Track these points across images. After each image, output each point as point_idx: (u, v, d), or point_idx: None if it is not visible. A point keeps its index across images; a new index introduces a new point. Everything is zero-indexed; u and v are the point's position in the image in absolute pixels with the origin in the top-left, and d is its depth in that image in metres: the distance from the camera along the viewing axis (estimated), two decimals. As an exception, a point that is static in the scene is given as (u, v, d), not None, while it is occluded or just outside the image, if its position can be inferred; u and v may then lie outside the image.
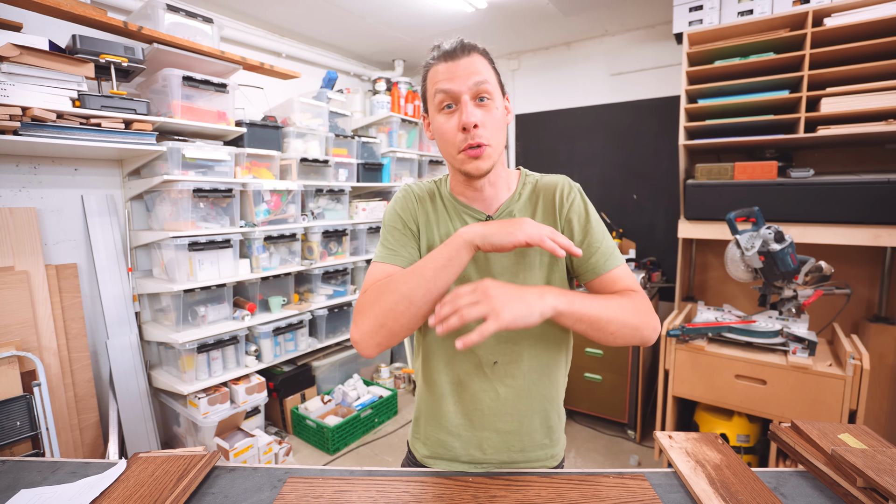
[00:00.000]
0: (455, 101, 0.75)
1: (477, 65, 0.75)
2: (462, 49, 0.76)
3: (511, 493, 0.75)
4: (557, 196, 0.84)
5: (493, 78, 0.78)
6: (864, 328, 2.13)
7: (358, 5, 2.54)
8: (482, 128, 0.75)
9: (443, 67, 0.76)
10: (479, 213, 0.85)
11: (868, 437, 0.83)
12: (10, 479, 0.79)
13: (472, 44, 0.77)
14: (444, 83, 0.75)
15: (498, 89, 0.79)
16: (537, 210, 0.85)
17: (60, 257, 2.01)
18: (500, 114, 0.78)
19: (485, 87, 0.75)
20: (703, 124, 2.26)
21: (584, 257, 0.82)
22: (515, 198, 0.86)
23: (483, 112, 0.75)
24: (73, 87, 1.70)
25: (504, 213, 0.85)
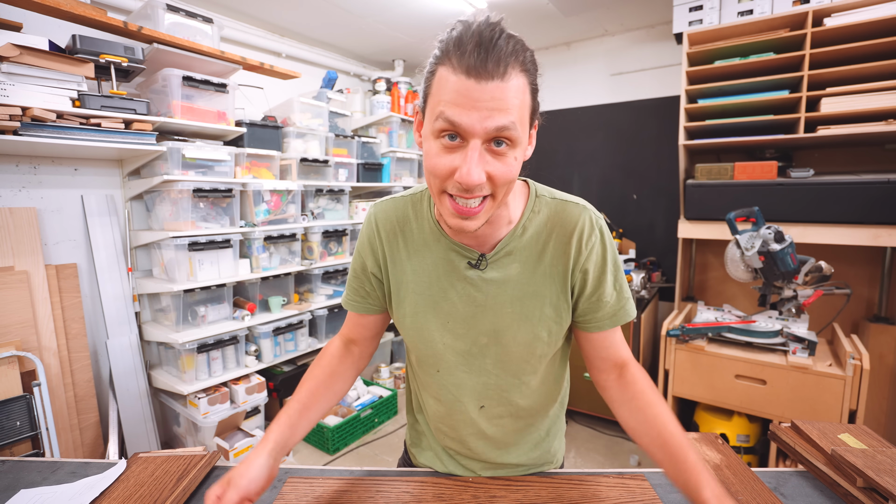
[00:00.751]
0: (461, 136, 0.55)
1: (509, 95, 0.52)
2: (496, 63, 0.51)
3: (511, 493, 0.75)
4: (575, 239, 0.68)
5: (527, 109, 0.56)
6: (864, 328, 2.13)
7: (358, 5, 2.54)
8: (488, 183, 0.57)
9: (462, 85, 0.52)
10: (469, 251, 0.69)
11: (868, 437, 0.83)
12: (10, 479, 0.79)
13: (513, 50, 0.52)
14: (454, 111, 0.53)
15: (526, 125, 0.58)
16: (546, 251, 0.69)
17: (60, 257, 2.01)
18: (518, 163, 0.58)
19: (507, 132, 0.54)
20: (703, 124, 2.26)
21: (589, 309, 0.70)
22: (518, 232, 0.68)
23: (496, 162, 0.56)
24: (73, 87, 1.70)
25: (502, 251, 0.68)
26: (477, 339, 0.71)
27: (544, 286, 0.69)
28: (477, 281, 0.69)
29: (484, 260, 0.69)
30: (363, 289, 0.78)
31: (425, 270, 0.71)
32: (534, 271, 0.69)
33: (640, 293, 2.48)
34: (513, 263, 0.69)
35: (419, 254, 0.72)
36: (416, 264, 0.72)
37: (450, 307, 0.70)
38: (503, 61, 0.51)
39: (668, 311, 2.83)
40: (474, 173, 0.54)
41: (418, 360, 0.77)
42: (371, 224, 0.75)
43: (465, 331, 0.71)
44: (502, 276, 0.69)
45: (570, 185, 3.30)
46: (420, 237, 0.72)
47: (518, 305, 0.69)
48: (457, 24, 0.55)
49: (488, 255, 0.69)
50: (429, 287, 0.71)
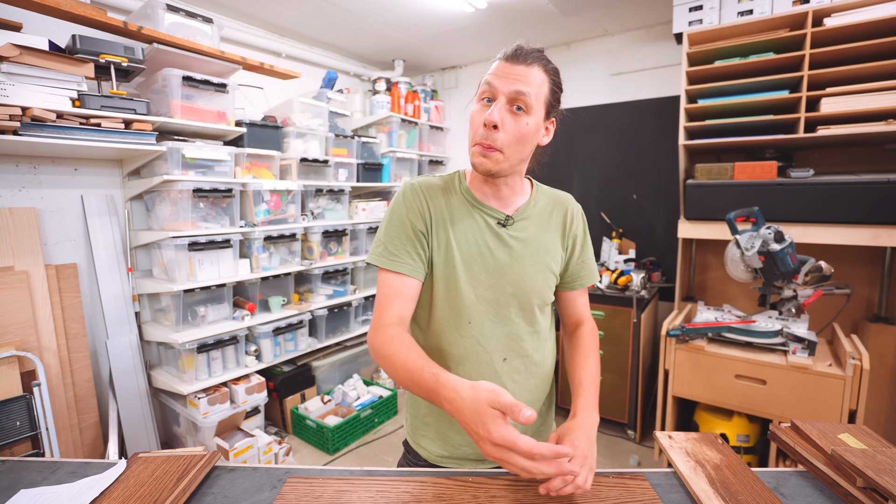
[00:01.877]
0: (493, 97, 0.77)
1: (529, 76, 0.76)
2: (525, 56, 0.77)
3: (511, 493, 0.75)
4: (569, 214, 0.94)
5: (543, 95, 0.79)
6: (864, 328, 2.13)
7: (358, 5, 2.54)
8: (501, 131, 0.76)
9: (501, 65, 0.78)
10: (497, 212, 0.88)
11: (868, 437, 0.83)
12: (10, 479, 0.79)
13: (538, 55, 0.78)
14: (493, 78, 0.78)
15: (541, 107, 0.79)
16: (551, 220, 0.92)
17: (60, 257, 2.01)
18: (529, 129, 0.78)
19: (524, 98, 0.76)
20: (703, 124, 2.26)
21: (576, 269, 0.95)
22: (532, 203, 0.91)
23: (511, 119, 0.77)
24: (73, 87, 1.70)
25: (523, 214, 0.89)
26: (504, 288, 0.85)
27: (551, 243, 0.90)
28: (506, 237, 0.86)
29: (511, 219, 0.88)
30: (416, 251, 0.84)
31: (464, 231, 0.86)
32: (544, 231, 0.90)
33: (640, 293, 2.48)
34: (530, 226, 0.89)
35: (458, 218, 0.86)
36: (458, 224, 0.86)
37: (484, 260, 0.85)
38: (530, 58, 0.77)
39: (668, 311, 2.83)
40: (495, 114, 0.75)
41: (452, 314, 0.85)
42: (416, 190, 0.87)
43: (495, 281, 0.85)
44: (524, 235, 0.88)
45: (570, 184, 3.29)
46: (459, 202, 0.87)
47: (535, 258, 0.88)
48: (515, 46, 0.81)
49: (514, 215, 0.88)
50: (468, 243, 0.85)
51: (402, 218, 0.85)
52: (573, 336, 0.96)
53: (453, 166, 3.82)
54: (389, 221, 0.86)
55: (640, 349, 2.44)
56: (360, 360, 3.09)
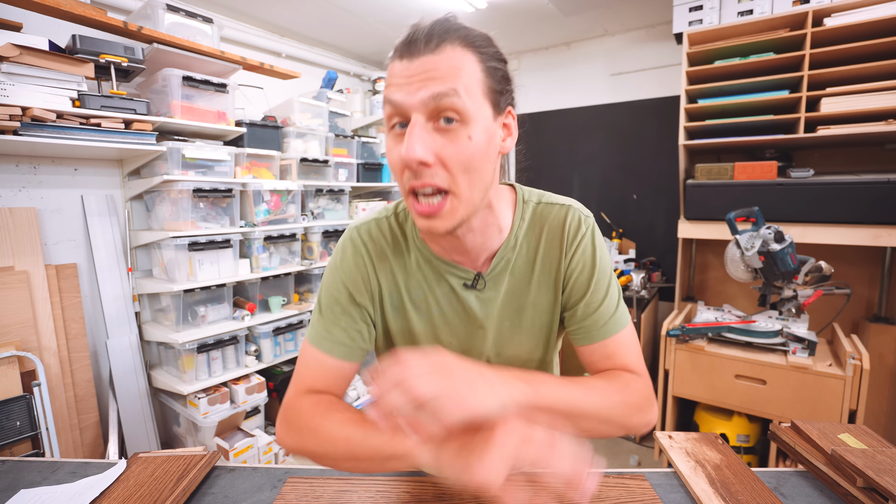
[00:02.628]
0: (404, 118, 0.52)
1: (445, 64, 0.50)
2: (427, 39, 0.50)
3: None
4: (565, 235, 0.65)
5: (477, 84, 0.52)
6: (864, 328, 2.13)
7: (358, 5, 2.54)
8: (439, 166, 0.51)
9: (396, 67, 0.52)
10: (463, 270, 0.64)
11: (868, 437, 0.83)
12: (10, 479, 0.79)
13: (448, 28, 0.52)
14: (392, 90, 0.52)
15: (483, 102, 0.52)
16: (538, 255, 0.66)
17: (60, 257, 2.01)
18: (477, 144, 0.51)
19: (448, 101, 0.49)
20: (703, 124, 2.26)
21: (577, 317, 0.65)
22: (511, 243, 0.65)
23: (445, 142, 0.50)
24: (73, 87, 1.70)
25: (497, 267, 0.65)
26: (479, 356, 0.69)
27: (540, 295, 0.67)
28: (472, 302, 0.65)
29: (481, 279, 0.64)
30: (354, 328, 0.66)
31: (422, 293, 0.66)
32: (529, 282, 0.66)
33: (640, 293, 2.48)
34: (509, 277, 0.66)
35: (413, 277, 0.66)
36: (412, 288, 0.67)
37: (452, 328, 0.67)
38: (435, 38, 0.51)
39: (668, 311, 2.83)
40: (414, 147, 0.49)
41: None
42: (358, 247, 0.66)
43: (467, 348, 0.68)
44: (500, 293, 0.66)
45: (571, 184, 3.30)
46: (412, 258, 0.67)
47: (516, 319, 0.67)
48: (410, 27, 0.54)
49: (485, 274, 0.64)
50: (429, 311, 0.67)
51: (337, 286, 0.66)
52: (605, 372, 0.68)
53: (453, 166, 3.82)
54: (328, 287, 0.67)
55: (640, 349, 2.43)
56: (360, 360, 3.09)
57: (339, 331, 0.65)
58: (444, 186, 0.52)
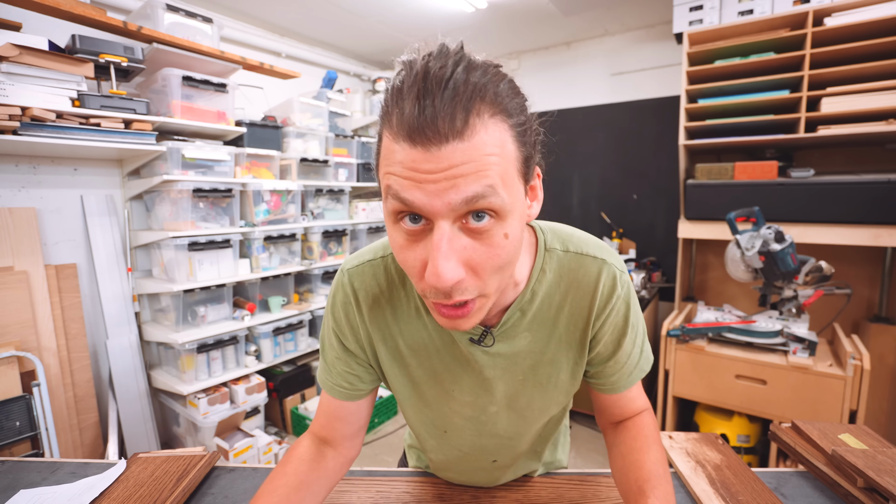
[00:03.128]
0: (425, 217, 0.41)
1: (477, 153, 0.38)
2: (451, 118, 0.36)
3: (511, 493, 0.75)
4: (598, 298, 0.57)
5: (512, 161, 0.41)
6: (865, 328, 2.13)
7: (358, 5, 2.54)
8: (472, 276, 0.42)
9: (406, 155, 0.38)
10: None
11: (868, 437, 0.83)
12: (10, 480, 0.78)
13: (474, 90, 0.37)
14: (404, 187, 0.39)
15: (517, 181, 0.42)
16: (561, 315, 0.58)
17: (60, 257, 2.01)
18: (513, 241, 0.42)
19: (486, 202, 0.39)
20: (704, 124, 2.26)
21: (604, 372, 0.63)
22: (527, 297, 0.56)
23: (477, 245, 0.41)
24: (73, 86, 1.69)
25: (509, 322, 0.57)
26: (486, 407, 0.62)
27: (559, 353, 0.60)
28: (479, 358, 0.58)
29: (489, 335, 0.56)
30: (349, 372, 0.63)
31: (422, 344, 0.60)
32: (548, 339, 0.59)
33: (640, 293, 2.48)
34: (523, 332, 0.58)
35: (412, 326, 0.59)
36: (410, 338, 0.60)
37: (453, 380, 0.61)
38: (461, 111, 0.36)
39: (668, 311, 2.83)
40: (447, 270, 0.39)
41: (425, 423, 0.67)
42: (347, 294, 0.60)
43: (472, 399, 0.62)
44: (512, 349, 0.58)
45: (570, 185, 3.29)
46: (410, 306, 0.59)
47: (531, 374, 0.60)
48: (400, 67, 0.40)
49: (494, 330, 0.56)
50: (429, 361, 0.61)
51: (329, 332, 0.64)
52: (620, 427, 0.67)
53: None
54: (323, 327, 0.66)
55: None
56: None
57: (336, 375, 0.64)
58: (473, 297, 0.43)
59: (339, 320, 0.62)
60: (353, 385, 0.64)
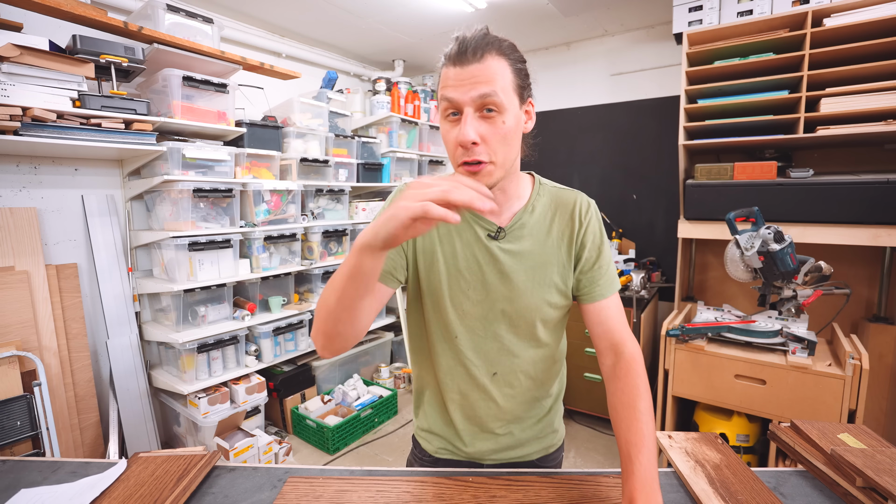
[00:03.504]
0: (458, 110, 0.69)
1: (488, 71, 0.67)
2: (473, 52, 0.67)
3: (511, 493, 0.75)
4: (577, 213, 0.82)
5: (509, 83, 0.70)
6: (864, 328, 2.13)
7: (358, 5, 2.54)
8: (483, 144, 0.69)
9: (451, 72, 0.69)
10: (487, 223, 0.80)
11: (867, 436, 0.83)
12: (10, 479, 0.79)
13: (488, 42, 0.68)
14: (449, 90, 0.69)
15: (513, 96, 0.71)
16: (553, 224, 0.83)
17: (60, 257, 2.01)
18: (509, 126, 0.70)
19: (491, 99, 0.67)
20: (703, 124, 2.26)
21: (591, 279, 0.82)
22: (529, 209, 0.82)
23: (487, 126, 0.69)
24: (74, 87, 1.70)
25: (517, 224, 0.81)
26: (494, 304, 0.80)
27: (552, 255, 0.81)
28: (496, 251, 0.79)
29: (502, 231, 0.80)
30: (396, 257, 0.80)
31: (453, 241, 0.81)
32: (544, 243, 0.81)
33: (639, 293, 2.48)
34: (526, 237, 0.81)
35: (447, 227, 0.81)
36: (445, 236, 0.81)
37: (472, 275, 0.80)
38: (479, 50, 0.67)
39: (668, 311, 2.83)
40: (467, 131, 0.67)
41: (438, 329, 0.83)
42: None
43: (484, 297, 0.80)
44: (518, 248, 0.80)
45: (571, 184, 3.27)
46: None
47: (531, 273, 0.80)
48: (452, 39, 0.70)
49: (506, 227, 0.80)
50: (454, 255, 0.80)
51: None
52: (612, 375, 0.79)
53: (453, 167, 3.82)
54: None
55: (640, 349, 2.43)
56: (360, 360, 3.09)
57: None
58: (486, 160, 0.69)
59: None
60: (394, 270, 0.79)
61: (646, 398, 0.72)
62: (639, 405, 0.71)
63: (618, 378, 0.76)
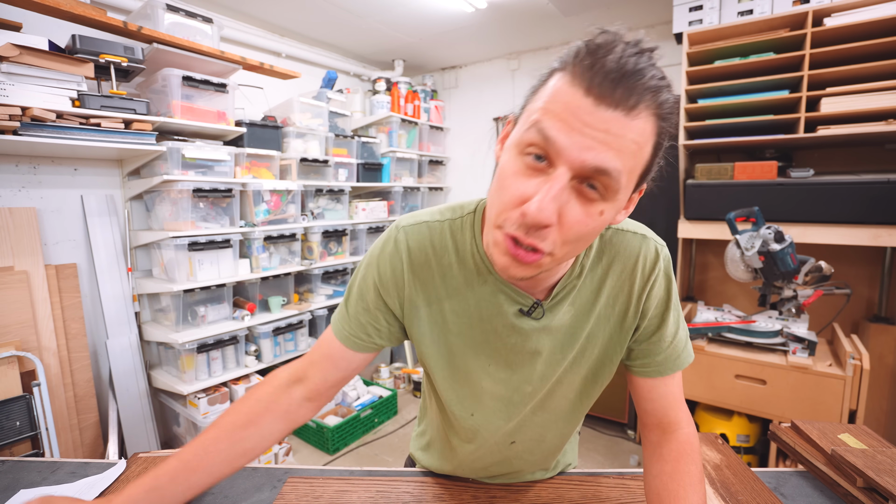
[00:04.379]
0: (550, 160, 0.44)
1: (629, 135, 0.42)
2: (628, 93, 0.41)
3: (511, 494, 0.75)
4: (639, 270, 0.60)
5: (641, 164, 0.46)
6: (864, 328, 2.13)
7: (358, 5, 2.54)
8: (556, 229, 0.45)
9: (574, 97, 0.42)
10: (522, 296, 0.58)
11: (868, 437, 0.83)
12: (10, 479, 0.79)
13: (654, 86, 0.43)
14: (553, 124, 0.43)
15: (632, 183, 0.47)
16: (602, 289, 0.60)
17: (60, 257, 2.01)
18: (602, 220, 0.47)
19: (606, 179, 0.43)
20: (703, 124, 2.26)
21: (646, 352, 0.63)
22: (575, 272, 0.59)
23: (577, 207, 0.45)
24: (73, 87, 1.69)
25: (558, 298, 0.59)
26: (521, 386, 0.64)
27: (599, 328, 0.62)
28: (526, 329, 0.59)
29: (540, 308, 0.58)
30: (374, 325, 0.64)
31: (466, 312, 0.61)
32: (588, 313, 0.61)
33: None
34: (567, 307, 0.60)
35: (459, 293, 0.60)
36: (456, 304, 0.61)
37: (492, 353, 0.62)
38: (636, 94, 0.41)
39: (668, 311, 2.83)
40: (547, 208, 0.42)
41: (451, 402, 0.67)
42: (399, 252, 0.60)
43: (508, 376, 0.63)
44: (554, 323, 0.60)
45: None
46: (461, 273, 0.60)
47: (569, 352, 0.62)
48: (599, 34, 0.44)
49: (545, 303, 0.58)
50: (470, 329, 0.61)
51: (368, 281, 0.63)
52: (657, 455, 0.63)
53: (453, 167, 3.82)
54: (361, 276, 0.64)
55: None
56: (360, 360, 3.09)
57: (357, 325, 0.64)
58: (546, 251, 0.46)
59: (384, 273, 0.61)
60: (369, 338, 0.64)
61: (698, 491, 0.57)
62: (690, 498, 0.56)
63: (664, 461, 0.62)
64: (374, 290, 0.62)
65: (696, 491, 0.57)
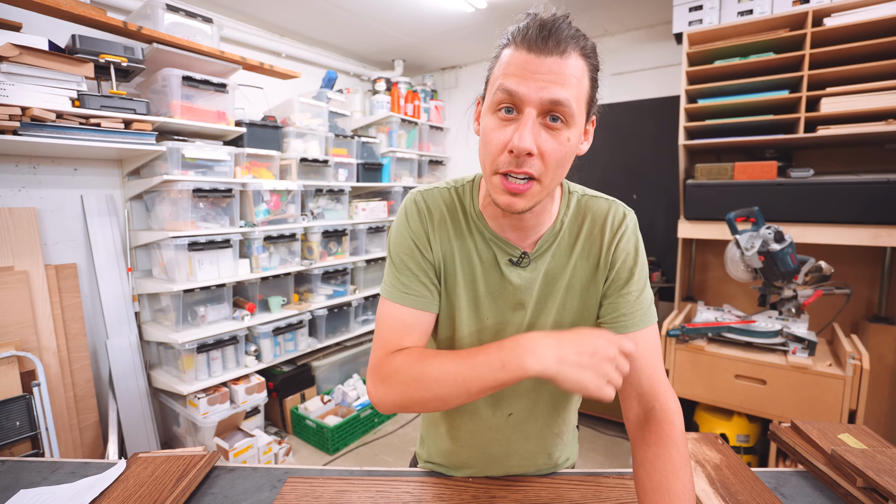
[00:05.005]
0: (517, 108, 0.56)
1: (567, 71, 0.55)
2: (556, 42, 0.54)
3: (511, 494, 0.75)
4: (608, 226, 0.70)
5: (584, 93, 0.58)
6: (864, 328, 2.13)
7: (358, 5, 2.54)
8: (538, 158, 0.57)
9: (521, 58, 0.55)
10: (511, 247, 0.69)
11: (868, 437, 0.83)
12: (10, 479, 0.79)
13: (574, 35, 0.56)
14: (512, 81, 0.55)
15: (583, 110, 0.59)
16: (578, 241, 0.70)
17: (60, 257, 2.01)
18: (571, 145, 0.58)
19: (562, 107, 0.55)
20: (703, 124, 2.26)
21: (615, 305, 0.69)
22: (556, 228, 0.70)
23: (548, 137, 0.57)
24: (73, 87, 1.69)
25: (542, 250, 0.69)
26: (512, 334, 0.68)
27: (575, 278, 0.71)
28: (514, 277, 0.69)
29: (526, 257, 0.69)
30: (428, 280, 0.69)
31: (468, 262, 0.71)
32: (566, 264, 0.70)
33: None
34: (549, 257, 0.70)
35: (464, 244, 0.70)
36: (462, 256, 0.70)
37: (493, 300, 0.71)
38: (563, 42, 0.55)
39: (668, 311, 2.83)
40: (526, 139, 0.55)
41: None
42: (421, 209, 0.70)
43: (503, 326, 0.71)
44: (538, 273, 0.70)
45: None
46: (466, 228, 0.70)
47: (553, 301, 0.70)
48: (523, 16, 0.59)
49: (531, 253, 0.69)
50: (473, 280, 0.71)
51: (408, 243, 0.70)
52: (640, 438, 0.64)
53: (453, 166, 3.82)
54: (396, 246, 0.71)
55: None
56: (360, 360, 3.09)
57: (416, 284, 0.68)
58: (536, 175, 0.58)
59: (417, 231, 0.70)
60: (430, 293, 0.69)
61: (683, 476, 0.57)
62: (674, 487, 0.56)
63: (647, 445, 0.62)
64: (414, 249, 0.69)
65: (678, 479, 0.57)
